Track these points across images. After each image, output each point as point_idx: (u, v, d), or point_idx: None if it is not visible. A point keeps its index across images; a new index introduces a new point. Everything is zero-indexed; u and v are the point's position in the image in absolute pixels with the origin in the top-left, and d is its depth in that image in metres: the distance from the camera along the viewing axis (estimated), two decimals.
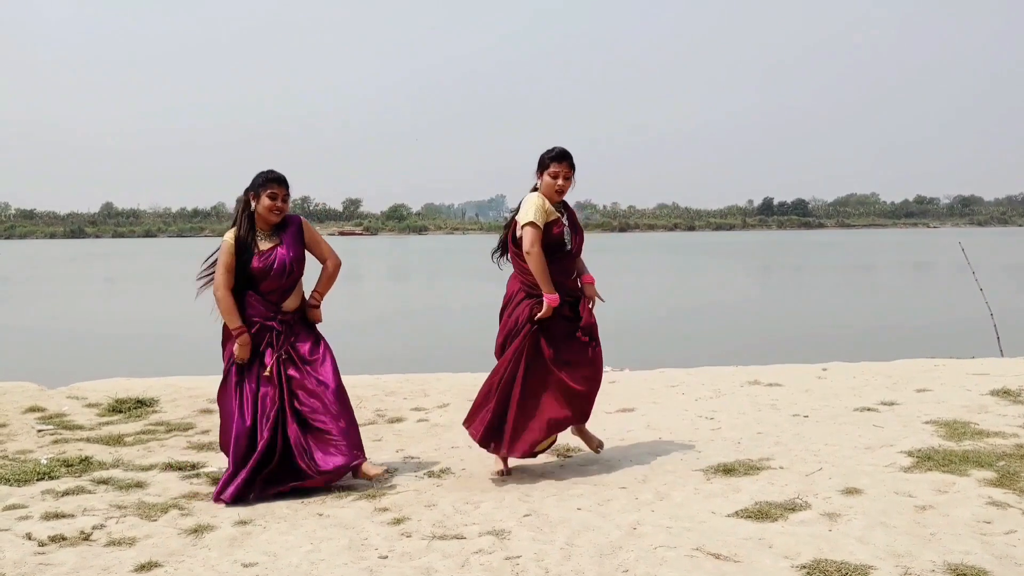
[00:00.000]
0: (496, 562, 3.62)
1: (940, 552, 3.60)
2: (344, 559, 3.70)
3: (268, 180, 4.92)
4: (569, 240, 5.05)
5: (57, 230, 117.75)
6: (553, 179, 5.00)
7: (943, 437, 5.49)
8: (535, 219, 4.90)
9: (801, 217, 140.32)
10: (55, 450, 5.66)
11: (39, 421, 6.54)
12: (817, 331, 15.43)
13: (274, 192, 4.90)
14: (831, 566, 3.46)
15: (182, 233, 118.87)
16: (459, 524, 4.12)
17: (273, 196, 4.90)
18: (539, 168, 5.07)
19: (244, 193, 4.97)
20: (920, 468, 4.80)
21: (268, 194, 4.89)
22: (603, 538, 3.88)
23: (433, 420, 6.52)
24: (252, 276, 4.87)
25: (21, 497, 4.58)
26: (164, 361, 11.50)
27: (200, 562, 3.69)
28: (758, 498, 4.35)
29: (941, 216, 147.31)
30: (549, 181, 5.00)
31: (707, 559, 3.60)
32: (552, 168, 5.00)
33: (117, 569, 3.61)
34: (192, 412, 6.86)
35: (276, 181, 4.93)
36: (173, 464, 5.24)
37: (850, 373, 8.09)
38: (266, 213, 4.91)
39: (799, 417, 6.28)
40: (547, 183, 5.01)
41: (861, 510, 4.13)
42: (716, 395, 7.15)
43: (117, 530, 4.07)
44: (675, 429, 5.98)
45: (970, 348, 10.30)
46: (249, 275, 4.87)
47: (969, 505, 4.16)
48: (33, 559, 3.72)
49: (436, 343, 14.83)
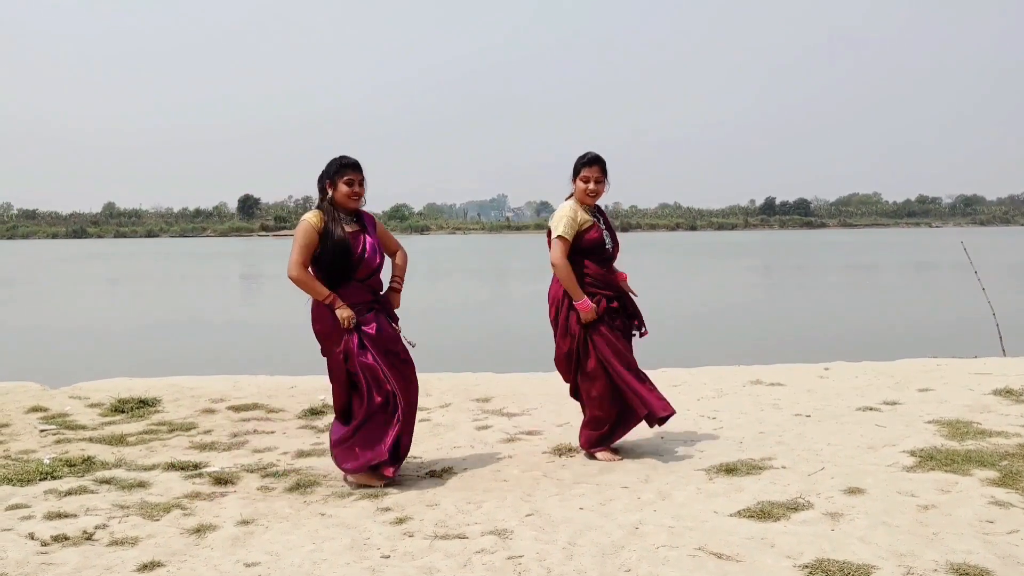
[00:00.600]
0: (498, 562, 3.62)
1: (943, 552, 3.59)
2: (346, 559, 3.70)
3: (343, 166, 4.85)
4: (609, 241, 5.31)
5: (59, 230, 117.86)
6: (585, 183, 5.21)
7: (946, 437, 5.48)
8: (564, 232, 5.15)
9: (803, 217, 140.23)
10: (58, 450, 5.66)
11: (42, 421, 6.55)
12: (819, 331, 15.42)
13: (351, 178, 4.84)
14: (833, 566, 3.45)
15: (184, 233, 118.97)
16: (461, 524, 4.12)
17: (350, 182, 4.84)
18: (573, 174, 5.27)
19: (319, 181, 4.89)
20: (923, 468, 4.79)
21: (345, 180, 4.83)
22: (605, 538, 3.88)
23: (435, 420, 6.52)
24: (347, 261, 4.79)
25: (24, 497, 4.58)
26: (166, 361, 11.51)
27: (202, 562, 3.69)
28: (760, 498, 4.35)
29: (943, 216, 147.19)
30: (581, 186, 5.22)
31: (709, 559, 3.60)
32: (584, 172, 5.21)
33: (120, 569, 3.61)
34: (194, 412, 6.87)
35: (351, 167, 4.86)
36: (175, 464, 5.24)
37: (852, 373, 8.08)
38: (344, 200, 4.84)
39: (801, 417, 6.27)
40: (579, 188, 5.23)
41: (863, 510, 4.13)
42: (718, 395, 7.14)
43: (120, 530, 4.08)
44: (677, 428, 5.97)
45: (972, 348, 10.29)
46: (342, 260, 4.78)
47: (972, 505, 4.15)
48: (36, 559, 3.72)
49: (438, 343, 14.82)
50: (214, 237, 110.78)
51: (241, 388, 7.77)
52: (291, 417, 6.67)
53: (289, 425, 6.42)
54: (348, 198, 4.84)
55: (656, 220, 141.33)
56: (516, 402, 7.01)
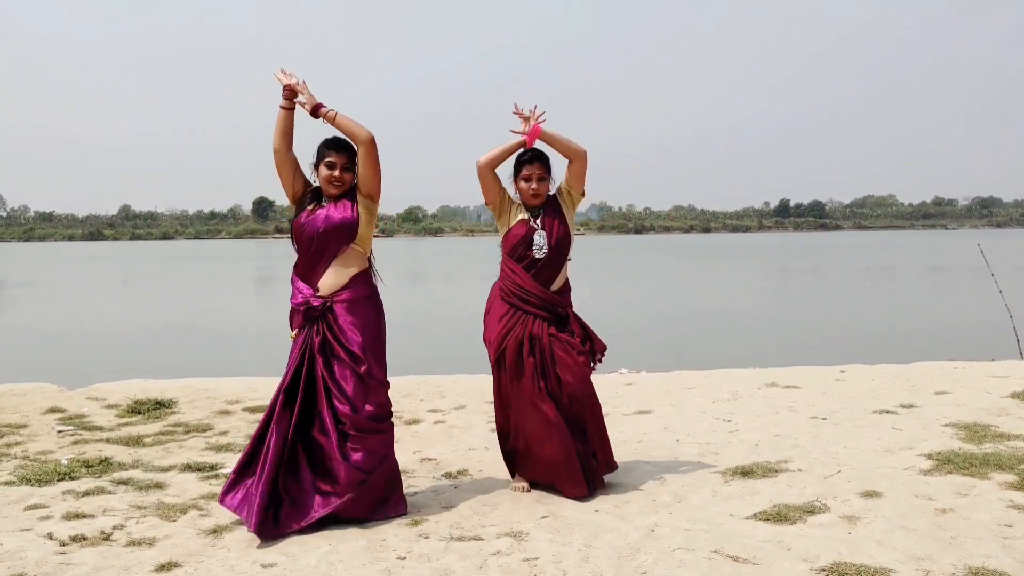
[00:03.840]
0: (514, 563, 3.62)
1: (961, 556, 3.57)
2: (362, 560, 3.71)
3: (324, 147, 4.30)
4: (541, 244, 4.63)
5: (75, 232, 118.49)
6: (527, 182, 4.67)
7: (963, 440, 5.45)
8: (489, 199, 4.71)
9: (818, 219, 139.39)
10: (75, 451, 5.70)
11: (59, 422, 6.59)
12: (834, 333, 15.34)
13: (331, 160, 4.26)
14: (850, 569, 3.44)
15: (199, 235, 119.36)
16: (477, 526, 4.12)
17: (331, 165, 4.26)
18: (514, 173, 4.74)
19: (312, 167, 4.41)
20: (940, 471, 4.77)
21: (326, 163, 4.27)
22: (621, 540, 3.88)
23: (450, 422, 6.53)
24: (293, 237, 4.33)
25: (42, 497, 4.62)
26: (181, 363, 11.56)
27: (219, 562, 3.71)
28: (776, 500, 4.34)
29: (959, 218, 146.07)
30: (523, 185, 4.69)
31: (725, 561, 3.59)
32: (524, 171, 4.67)
33: (137, 569, 3.63)
34: (210, 413, 6.90)
35: (333, 147, 4.28)
36: (192, 465, 5.26)
37: (868, 375, 8.05)
38: (325, 185, 4.29)
39: (817, 419, 6.25)
40: (521, 188, 4.71)
41: (880, 513, 4.11)
42: (733, 397, 7.12)
43: (137, 530, 4.10)
44: (692, 431, 5.96)
45: (989, 351, 10.23)
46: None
47: (990, 508, 4.13)
48: (55, 559, 3.75)
49: (453, 345, 14.83)
50: (229, 239, 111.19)
51: (256, 389, 7.81)
52: None
53: None
54: (328, 183, 4.27)
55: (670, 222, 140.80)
56: None
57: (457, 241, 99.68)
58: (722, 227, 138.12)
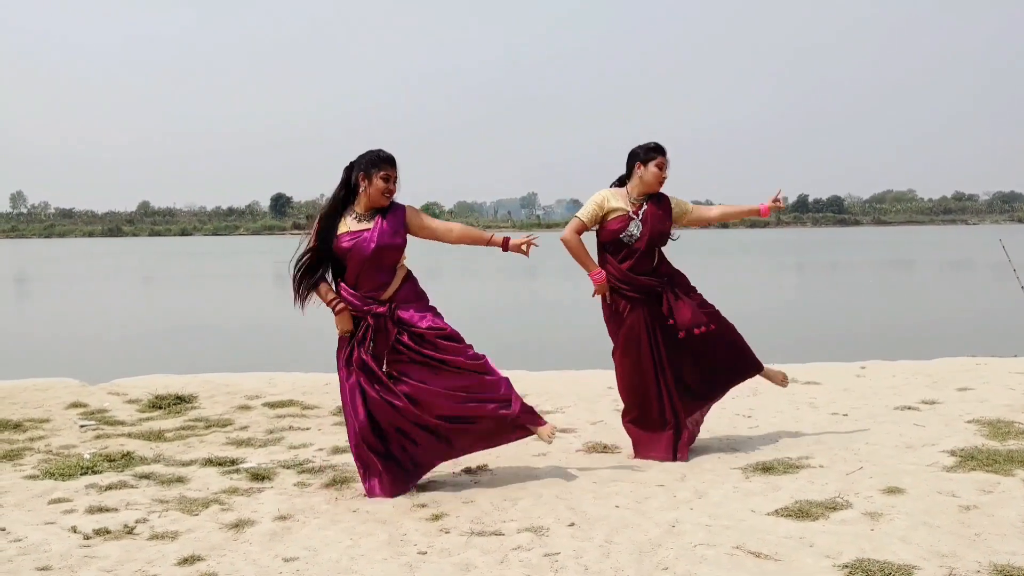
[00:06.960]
0: (535, 559, 3.62)
1: (985, 553, 3.54)
2: (383, 554, 3.72)
3: (383, 160, 4.61)
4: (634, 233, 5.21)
5: (95, 229, 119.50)
6: (659, 169, 5.25)
7: (986, 436, 5.41)
8: (581, 214, 5.29)
9: (836, 214, 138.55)
10: (97, 445, 5.75)
11: (81, 417, 6.65)
12: (855, 329, 15.24)
13: (387, 174, 4.61)
14: (874, 566, 3.42)
15: (217, 232, 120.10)
16: (497, 521, 4.13)
17: (387, 178, 4.61)
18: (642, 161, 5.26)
19: (348, 171, 4.68)
20: (963, 468, 4.73)
21: (381, 176, 4.59)
22: (642, 536, 3.87)
23: None
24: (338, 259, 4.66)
25: (66, 491, 4.66)
26: (201, 358, 11.63)
27: (241, 556, 3.73)
28: (798, 497, 4.32)
29: (980, 213, 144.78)
30: (655, 171, 5.25)
31: (747, 557, 3.57)
32: (659, 159, 5.25)
33: (160, 562, 3.65)
34: (230, 408, 6.94)
35: (390, 162, 4.62)
36: (213, 460, 5.29)
37: (889, 372, 8.00)
38: (377, 196, 4.61)
39: (838, 416, 6.22)
40: (653, 173, 5.25)
41: (903, 510, 4.08)
42: (754, 393, 7.09)
43: (160, 524, 4.13)
44: (713, 427, 5.94)
45: (1012, 347, 10.13)
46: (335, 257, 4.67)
47: (1015, 505, 4.09)
48: (79, 552, 3.78)
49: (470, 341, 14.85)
50: (247, 236, 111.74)
51: (276, 385, 7.84)
52: (326, 414, 6.71)
53: (324, 422, 6.47)
54: (382, 194, 4.61)
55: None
56: (549, 400, 7.00)
57: None
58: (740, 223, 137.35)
